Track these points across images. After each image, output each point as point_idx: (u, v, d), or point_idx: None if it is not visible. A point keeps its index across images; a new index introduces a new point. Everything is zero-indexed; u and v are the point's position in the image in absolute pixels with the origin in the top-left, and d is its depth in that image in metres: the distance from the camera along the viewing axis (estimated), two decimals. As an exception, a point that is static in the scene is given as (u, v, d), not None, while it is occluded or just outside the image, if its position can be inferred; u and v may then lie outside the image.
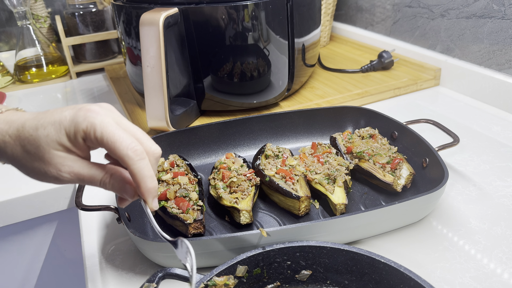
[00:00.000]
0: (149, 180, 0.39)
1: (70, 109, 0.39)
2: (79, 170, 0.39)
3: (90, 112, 0.38)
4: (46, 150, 0.38)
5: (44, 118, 0.38)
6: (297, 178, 0.61)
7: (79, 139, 0.38)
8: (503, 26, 0.86)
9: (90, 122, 0.37)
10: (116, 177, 0.40)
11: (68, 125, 0.38)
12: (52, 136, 0.38)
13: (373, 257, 0.45)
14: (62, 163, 0.38)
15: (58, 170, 0.38)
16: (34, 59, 1.17)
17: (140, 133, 0.40)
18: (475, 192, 0.64)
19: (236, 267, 0.46)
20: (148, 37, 0.70)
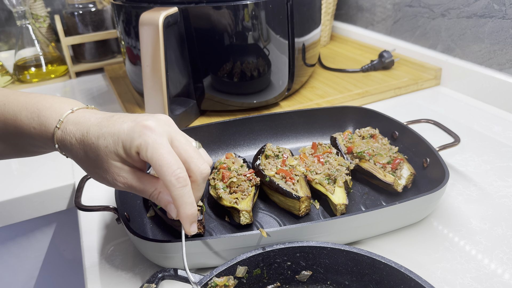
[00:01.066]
0: (188, 207, 0.41)
1: (130, 121, 0.41)
2: (132, 183, 0.42)
3: (146, 129, 0.40)
4: (105, 160, 0.41)
5: (106, 127, 0.41)
6: (297, 178, 0.61)
7: (133, 153, 0.40)
8: (504, 26, 0.86)
9: (144, 140, 0.39)
10: (164, 194, 0.43)
11: (124, 138, 0.40)
12: (110, 147, 0.40)
13: (374, 257, 0.44)
14: (118, 173, 0.41)
15: (114, 179, 0.42)
16: (34, 58, 1.17)
17: (191, 152, 0.42)
18: (476, 192, 0.64)
19: (236, 267, 0.46)
20: (148, 36, 0.70)
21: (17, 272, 0.82)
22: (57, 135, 0.42)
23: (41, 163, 0.79)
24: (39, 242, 0.82)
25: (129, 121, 0.41)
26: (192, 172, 0.42)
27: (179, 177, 0.40)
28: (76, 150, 0.42)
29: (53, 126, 0.42)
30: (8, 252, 0.79)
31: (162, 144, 0.40)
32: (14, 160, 0.81)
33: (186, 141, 0.42)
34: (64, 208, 0.75)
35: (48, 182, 0.73)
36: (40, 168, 0.77)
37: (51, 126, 0.42)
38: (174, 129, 0.42)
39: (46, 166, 0.78)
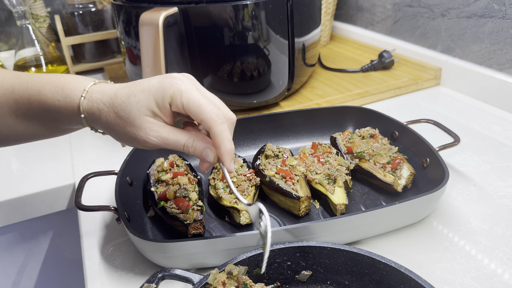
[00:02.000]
0: (228, 142, 0.43)
1: (157, 77, 0.43)
2: (165, 135, 0.43)
3: (176, 79, 0.42)
4: (137, 116, 0.42)
5: (134, 86, 0.43)
6: (297, 178, 0.61)
7: (166, 105, 0.42)
8: (503, 26, 0.86)
9: (177, 88, 0.41)
10: (198, 141, 0.44)
11: (155, 92, 0.42)
12: (142, 102, 0.42)
13: (374, 257, 0.44)
14: (151, 127, 0.42)
15: (147, 134, 0.42)
16: (34, 58, 1.17)
17: (218, 101, 0.45)
18: (476, 192, 0.64)
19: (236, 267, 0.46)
20: (148, 36, 0.70)
21: (17, 272, 0.82)
22: (83, 105, 0.43)
23: (41, 163, 0.79)
24: (39, 242, 0.82)
25: (156, 78, 0.43)
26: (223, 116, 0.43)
27: (218, 113, 0.42)
28: (106, 114, 0.43)
29: (78, 96, 0.43)
30: (8, 251, 0.79)
31: (193, 89, 0.42)
32: (14, 160, 0.81)
33: (210, 93, 0.45)
34: (64, 208, 0.75)
35: (48, 182, 0.73)
36: (40, 168, 0.77)
37: (76, 97, 0.43)
38: (198, 84, 0.44)
39: (46, 166, 0.78)
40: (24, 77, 0.45)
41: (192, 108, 0.41)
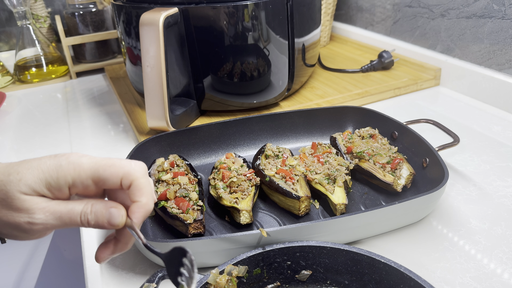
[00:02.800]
0: (152, 199, 0.38)
1: (47, 157, 0.36)
2: (55, 208, 0.35)
3: (72, 156, 0.36)
4: (16, 197, 0.34)
5: (19, 165, 0.36)
6: (297, 178, 0.61)
7: (62, 187, 0.35)
8: (503, 26, 0.86)
9: (78, 164, 0.35)
10: (98, 203, 0.36)
11: (48, 171, 0.35)
12: (26, 181, 0.35)
13: (373, 257, 0.45)
14: (33, 205, 0.35)
15: (31, 214, 0.34)
16: (34, 59, 1.17)
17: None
18: (475, 192, 0.64)
19: (236, 267, 0.46)
20: (148, 37, 0.70)
21: (18, 272, 0.82)
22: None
23: (41, 163, 0.79)
24: (39, 242, 0.82)
25: (47, 157, 0.37)
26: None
27: (141, 165, 0.37)
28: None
29: None
30: (8, 251, 0.79)
31: (97, 157, 0.37)
32: (14, 160, 0.81)
33: None
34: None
35: (49, 182, 0.73)
36: (40, 168, 0.77)
37: None
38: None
39: (46, 166, 0.78)
40: None
41: (104, 173, 0.35)
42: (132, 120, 0.87)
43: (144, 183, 0.36)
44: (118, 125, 0.92)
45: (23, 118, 0.99)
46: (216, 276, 0.44)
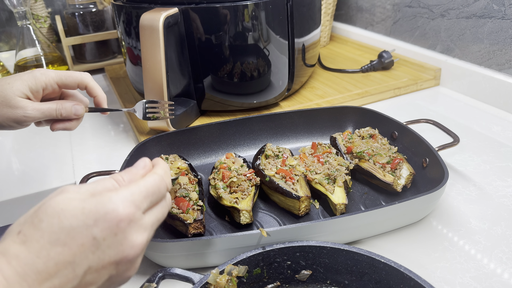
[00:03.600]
0: (102, 91, 0.60)
1: (27, 72, 0.54)
2: (39, 106, 0.54)
3: (43, 70, 0.55)
4: (12, 97, 0.52)
5: (7, 79, 0.53)
6: (297, 178, 0.61)
7: (39, 90, 0.54)
8: (503, 26, 0.86)
9: (47, 74, 0.54)
10: (65, 103, 0.56)
11: (29, 80, 0.53)
12: (17, 87, 0.52)
13: (373, 257, 0.45)
14: (26, 104, 0.53)
15: (25, 110, 0.53)
16: (34, 59, 1.17)
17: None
18: (475, 192, 0.64)
19: (236, 267, 0.46)
20: (148, 37, 0.70)
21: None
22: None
23: (41, 163, 0.79)
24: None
25: (25, 73, 0.54)
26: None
27: (86, 73, 0.57)
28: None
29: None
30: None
31: (60, 71, 0.55)
32: (15, 160, 0.81)
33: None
34: (65, 208, 0.75)
35: (48, 182, 0.73)
36: (40, 168, 0.77)
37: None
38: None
39: (46, 166, 0.78)
40: None
41: (64, 78, 0.55)
42: (132, 120, 0.87)
43: (95, 84, 0.59)
44: (118, 125, 0.92)
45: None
46: (216, 276, 0.44)
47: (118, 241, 0.32)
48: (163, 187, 0.37)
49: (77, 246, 0.31)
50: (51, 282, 0.31)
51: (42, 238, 0.31)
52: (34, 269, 0.30)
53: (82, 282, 0.32)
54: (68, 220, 0.31)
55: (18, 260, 0.30)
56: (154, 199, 0.36)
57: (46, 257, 0.31)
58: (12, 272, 0.30)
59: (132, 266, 0.35)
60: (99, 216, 0.32)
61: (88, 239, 0.31)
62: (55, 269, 0.31)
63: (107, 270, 0.33)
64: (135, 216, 0.34)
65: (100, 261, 0.32)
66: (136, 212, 0.34)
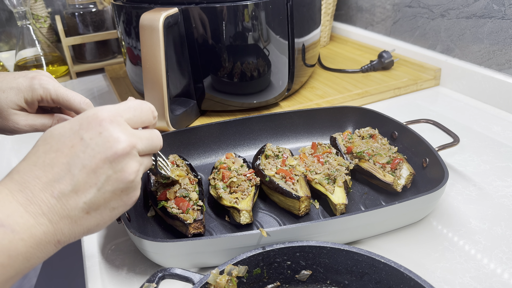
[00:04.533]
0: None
1: (22, 76, 0.50)
2: (33, 121, 0.52)
3: (43, 80, 0.50)
4: (5, 109, 0.50)
5: (1, 83, 0.49)
6: (297, 178, 0.61)
7: (35, 102, 0.51)
8: (503, 26, 0.86)
9: (46, 88, 0.50)
10: (62, 120, 0.53)
11: (25, 90, 0.50)
12: (11, 98, 0.49)
13: (373, 257, 0.45)
14: (18, 118, 0.51)
15: (15, 124, 0.51)
16: (34, 59, 1.17)
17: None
18: (475, 192, 0.64)
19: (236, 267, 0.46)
20: (148, 37, 0.70)
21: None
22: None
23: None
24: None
25: (22, 77, 0.50)
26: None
27: (87, 102, 0.52)
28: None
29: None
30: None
31: (60, 86, 0.51)
32: (15, 160, 0.81)
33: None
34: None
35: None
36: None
37: None
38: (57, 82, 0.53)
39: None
40: None
41: (62, 102, 0.51)
42: (132, 120, 0.87)
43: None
44: (118, 125, 0.92)
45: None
46: (216, 276, 0.44)
47: (104, 138, 0.35)
48: (145, 108, 0.41)
49: (68, 148, 0.35)
50: (51, 186, 0.34)
51: (37, 150, 0.35)
52: (33, 175, 0.34)
53: (80, 183, 0.34)
54: (57, 129, 0.36)
55: (19, 173, 0.34)
56: (137, 114, 0.40)
57: (42, 164, 0.34)
58: (14, 183, 0.34)
59: (126, 166, 0.36)
60: (83, 121, 0.36)
61: (77, 140, 0.35)
62: (52, 172, 0.34)
63: (101, 169, 0.35)
64: (116, 118, 0.37)
65: (92, 158, 0.35)
66: (117, 116, 0.37)
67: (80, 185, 0.34)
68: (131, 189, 0.38)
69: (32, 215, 0.33)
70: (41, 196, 0.33)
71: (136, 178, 0.38)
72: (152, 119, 0.42)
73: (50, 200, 0.34)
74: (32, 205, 0.33)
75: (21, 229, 0.32)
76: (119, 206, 0.38)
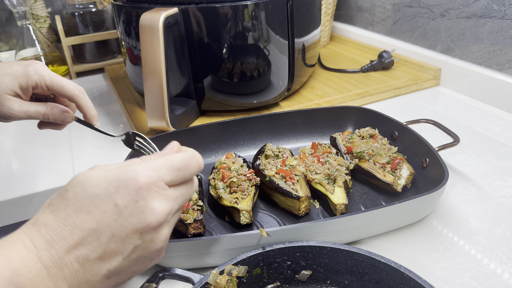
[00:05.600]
0: (93, 109, 0.56)
1: (17, 64, 0.51)
2: (27, 108, 0.52)
3: (38, 68, 0.51)
4: (0, 94, 0.50)
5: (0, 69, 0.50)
6: (297, 178, 0.61)
7: (29, 88, 0.51)
8: (503, 26, 0.86)
9: (40, 74, 0.51)
10: (56, 108, 0.54)
11: (20, 76, 0.51)
12: (6, 84, 0.50)
13: (373, 257, 0.45)
14: (13, 104, 0.51)
15: (11, 109, 0.51)
16: (34, 59, 1.17)
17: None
18: (475, 192, 0.64)
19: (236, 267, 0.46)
20: (148, 37, 0.70)
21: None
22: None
23: (41, 163, 0.79)
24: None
25: (17, 65, 0.51)
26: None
27: (79, 89, 0.53)
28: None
29: None
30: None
31: (54, 73, 0.52)
32: (15, 160, 0.81)
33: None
34: (65, 208, 0.75)
35: (49, 182, 0.73)
36: (40, 168, 0.77)
37: None
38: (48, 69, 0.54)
39: (46, 166, 0.78)
40: None
41: (56, 88, 0.52)
42: (132, 120, 0.87)
43: (86, 102, 0.54)
44: (118, 125, 0.92)
45: (23, 118, 0.99)
46: (216, 276, 0.44)
47: (139, 208, 0.33)
48: (193, 165, 0.37)
49: (100, 213, 0.32)
50: (77, 250, 0.32)
51: (67, 206, 0.33)
52: (60, 236, 0.32)
53: (107, 251, 0.33)
54: (91, 187, 0.33)
55: (46, 228, 0.32)
56: (180, 175, 0.36)
57: (72, 225, 0.32)
58: (41, 239, 0.32)
59: (156, 237, 0.34)
60: (120, 184, 0.33)
61: (110, 206, 0.32)
62: (80, 236, 0.32)
63: (131, 239, 0.33)
64: (156, 185, 0.34)
65: (123, 228, 0.33)
66: (157, 181, 0.34)
67: (106, 253, 0.33)
68: (156, 255, 0.36)
69: (53, 278, 0.31)
70: (65, 260, 0.32)
71: (163, 245, 0.36)
72: (197, 172, 0.38)
73: (74, 265, 0.32)
74: (55, 268, 0.31)
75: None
76: (140, 269, 0.36)
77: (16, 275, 0.30)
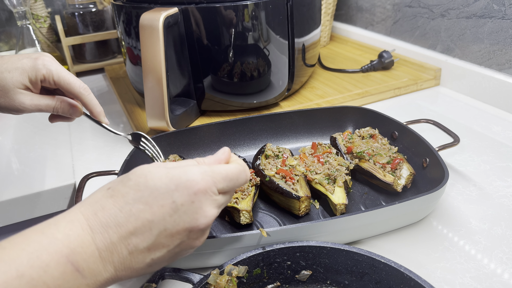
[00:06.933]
0: (99, 105, 0.57)
1: (28, 57, 0.52)
2: (37, 102, 0.53)
3: (46, 61, 0.52)
4: (11, 88, 0.51)
5: (7, 63, 0.51)
6: (297, 178, 0.61)
7: (38, 81, 0.53)
8: (503, 26, 0.86)
9: (49, 69, 0.52)
10: (65, 103, 0.56)
11: (29, 70, 0.52)
12: (17, 78, 0.51)
13: (373, 257, 0.45)
14: (24, 97, 0.52)
15: (22, 103, 0.52)
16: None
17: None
18: (476, 192, 0.64)
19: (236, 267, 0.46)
20: (148, 37, 0.70)
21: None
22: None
23: (41, 163, 0.79)
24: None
25: (26, 58, 0.52)
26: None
27: (85, 87, 0.55)
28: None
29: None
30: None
31: (62, 69, 0.53)
32: (14, 160, 0.81)
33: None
34: (65, 208, 0.75)
35: (48, 182, 0.73)
36: (40, 168, 0.77)
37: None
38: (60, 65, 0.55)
39: (46, 166, 0.78)
40: None
41: (63, 84, 0.53)
42: (132, 120, 0.87)
43: (91, 100, 0.56)
44: (118, 125, 0.92)
45: (23, 118, 0.99)
46: (216, 276, 0.44)
47: (194, 209, 0.35)
48: (242, 178, 0.40)
49: (158, 206, 0.34)
50: (129, 238, 0.33)
51: (127, 194, 0.34)
52: (116, 221, 0.33)
53: (156, 243, 0.34)
54: (153, 180, 0.34)
55: (103, 211, 0.33)
56: (231, 185, 0.39)
57: (128, 212, 0.33)
58: (97, 222, 0.33)
59: (201, 236, 0.38)
60: (181, 182, 0.35)
61: (168, 201, 0.34)
62: (134, 225, 0.33)
63: (180, 235, 0.35)
64: (211, 190, 0.36)
65: (175, 225, 0.34)
66: (212, 187, 0.36)
67: (155, 245, 0.34)
68: (191, 251, 0.39)
69: (103, 261, 0.33)
70: (117, 245, 0.33)
71: (201, 244, 0.39)
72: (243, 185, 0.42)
73: (123, 252, 0.33)
74: (107, 252, 0.33)
75: (90, 275, 0.32)
76: (174, 260, 0.39)
77: (73, 253, 0.31)
